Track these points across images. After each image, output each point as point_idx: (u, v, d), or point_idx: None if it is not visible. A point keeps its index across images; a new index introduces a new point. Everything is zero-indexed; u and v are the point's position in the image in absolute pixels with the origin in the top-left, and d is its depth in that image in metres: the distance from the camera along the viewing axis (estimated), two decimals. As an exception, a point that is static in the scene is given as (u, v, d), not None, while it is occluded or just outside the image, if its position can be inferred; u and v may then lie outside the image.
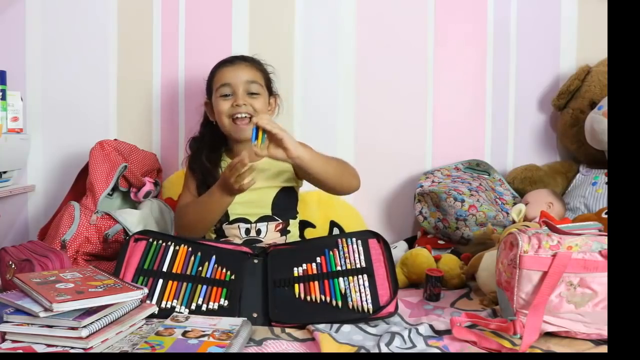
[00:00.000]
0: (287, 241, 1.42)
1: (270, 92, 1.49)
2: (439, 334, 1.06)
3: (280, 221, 1.43)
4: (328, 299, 1.14)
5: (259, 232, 1.40)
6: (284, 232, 1.44)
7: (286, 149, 1.23)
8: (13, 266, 1.19)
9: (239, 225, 1.41)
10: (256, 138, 1.22)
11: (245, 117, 1.39)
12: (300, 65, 1.76)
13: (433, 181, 1.68)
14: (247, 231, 1.40)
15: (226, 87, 1.40)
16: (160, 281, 1.16)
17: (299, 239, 1.49)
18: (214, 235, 1.44)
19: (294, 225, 1.47)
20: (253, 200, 1.41)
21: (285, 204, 1.44)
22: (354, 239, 1.24)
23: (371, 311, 1.12)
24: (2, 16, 1.72)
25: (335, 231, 1.66)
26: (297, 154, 1.24)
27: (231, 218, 1.41)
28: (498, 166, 1.77)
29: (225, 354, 0.91)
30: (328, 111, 1.78)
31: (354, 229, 1.53)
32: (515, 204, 1.62)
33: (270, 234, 1.41)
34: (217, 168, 1.44)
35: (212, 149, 1.46)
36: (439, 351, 0.99)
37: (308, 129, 1.75)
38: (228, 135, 1.45)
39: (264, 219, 1.41)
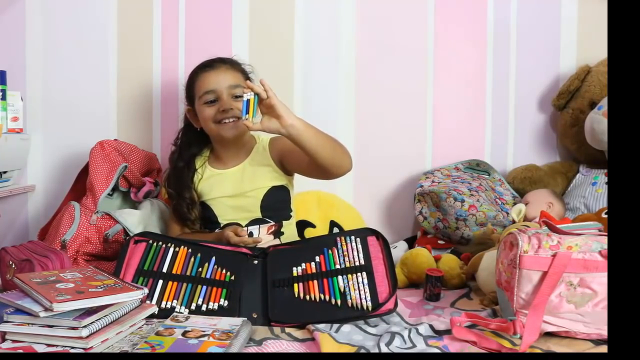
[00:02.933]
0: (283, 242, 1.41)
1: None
2: (439, 334, 1.06)
3: (272, 223, 1.42)
4: (327, 297, 1.14)
5: (250, 235, 1.37)
6: (277, 234, 1.43)
7: (279, 116, 1.19)
8: (13, 266, 1.19)
9: None
10: (247, 112, 1.20)
11: (233, 120, 1.38)
12: (301, 65, 1.76)
13: (433, 181, 1.68)
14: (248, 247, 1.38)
15: (210, 93, 1.38)
16: (160, 282, 1.16)
17: (296, 239, 1.48)
18: None
19: (288, 226, 1.47)
20: (241, 205, 1.41)
21: (275, 203, 1.43)
22: (352, 237, 1.24)
23: (370, 309, 1.12)
24: (2, 16, 1.72)
25: (335, 231, 1.66)
26: (291, 122, 1.20)
27: (222, 224, 1.42)
28: (498, 166, 1.77)
29: (225, 354, 0.91)
30: (328, 111, 1.78)
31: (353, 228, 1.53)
32: (515, 204, 1.62)
33: (263, 238, 1.38)
34: (192, 184, 1.45)
35: (189, 164, 1.46)
36: (439, 351, 0.99)
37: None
38: (216, 140, 1.45)
39: (255, 222, 1.41)
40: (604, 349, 0.99)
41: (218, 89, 1.38)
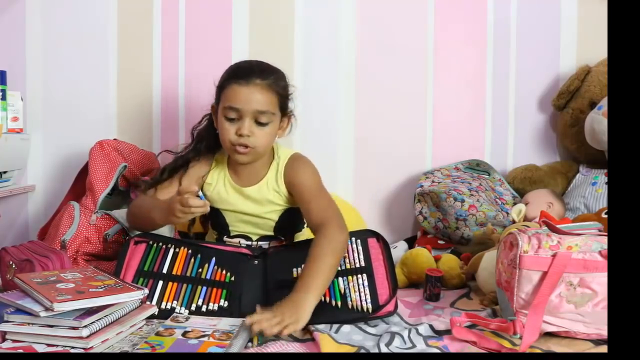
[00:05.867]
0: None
1: (285, 112, 1.31)
2: (439, 334, 1.07)
3: (283, 239, 1.37)
4: (327, 299, 1.14)
5: (260, 249, 1.33)
6: None
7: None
8: (13, 266, 1.19)
9: (239, 241, 1.35)
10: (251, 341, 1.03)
11: (246, 147, 1.25)
12: (301, 65, 1.76)
13: (433, 181, 1.68)
14: (248, 247, 1.33)
15: (234, 111, 1.24)
16: (160, 282, 1.16)
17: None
18: None
19: (301, 237, 1.41)
20: (255, 223, 1.35)
21: (289, 224, 1.37)
22: (353, 239, 1.24)
23: (370, 311, 1.12)
24: (2, 16, 1.72)
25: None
26: (305, 319, 1.07)
27: (232, 234, 1.36)
28: (498, 166, 1.77)
29: (225, 354, 0.91)
30: (328, 111, 1.78)
31: (354, 229, 1.52)
32: (515, 204, 1.62)
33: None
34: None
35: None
36: (439, 351, 0.99)
37: (308, 129, 1.74)
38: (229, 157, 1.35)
39: (266, 238, 1.36)
40: (604, 349, 0.99)
41: (243, 109, 1.23)
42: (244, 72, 1.26)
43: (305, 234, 1.46)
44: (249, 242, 1.35)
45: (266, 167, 1.34)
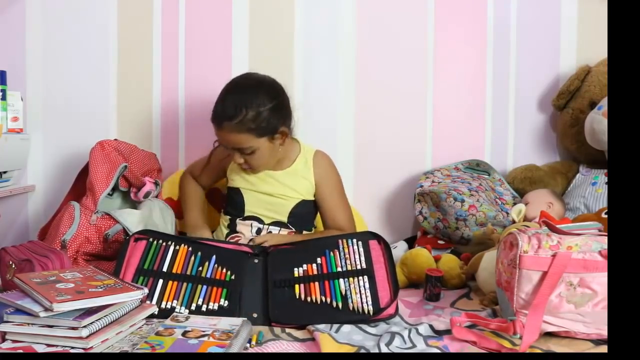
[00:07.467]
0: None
1: (275, 130, 1.37)
2: (439, 334, 1.07)
3: (293, 230, 1.43)
4: (328, 300, 1.14)
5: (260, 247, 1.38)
6: None
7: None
8: (13, 266, 1.19)
9: (251, 223, 1.42)
10: None
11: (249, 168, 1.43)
12: (301, 65, 1.76)
13: (433, 181, 1.68)
14: (259, 231, 1.42)
15: (223, 146, 1.41)
16: (161, 281, 1.16)
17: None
18: (226, 231, 1.45)
19: None
20: (272, 204, 1.43)
21: (302, 215, 1.45)
22: (354, 240, 1.24)
23: (371, 313, 1.12)
24: (2, 16, 1.72)
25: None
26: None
27: (245, 214, 1.43)
28: (498, 166, 1.77)
29: (225, 354, 0.91)
30: (328, 111, 1.78)
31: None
32: (515, 204, 1.62)
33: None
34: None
35: None
36: (439, 351, 0.99)
37: (308, 129, 1.74)
38: None
39: (277, 224, 1.43)
40: (604, 349, 0.99)
41: (227, 145, 1.39)
42: (217, 116, 1.35)
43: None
44: (260, 226, 1.42)
45: (291, 158, 1.47)
